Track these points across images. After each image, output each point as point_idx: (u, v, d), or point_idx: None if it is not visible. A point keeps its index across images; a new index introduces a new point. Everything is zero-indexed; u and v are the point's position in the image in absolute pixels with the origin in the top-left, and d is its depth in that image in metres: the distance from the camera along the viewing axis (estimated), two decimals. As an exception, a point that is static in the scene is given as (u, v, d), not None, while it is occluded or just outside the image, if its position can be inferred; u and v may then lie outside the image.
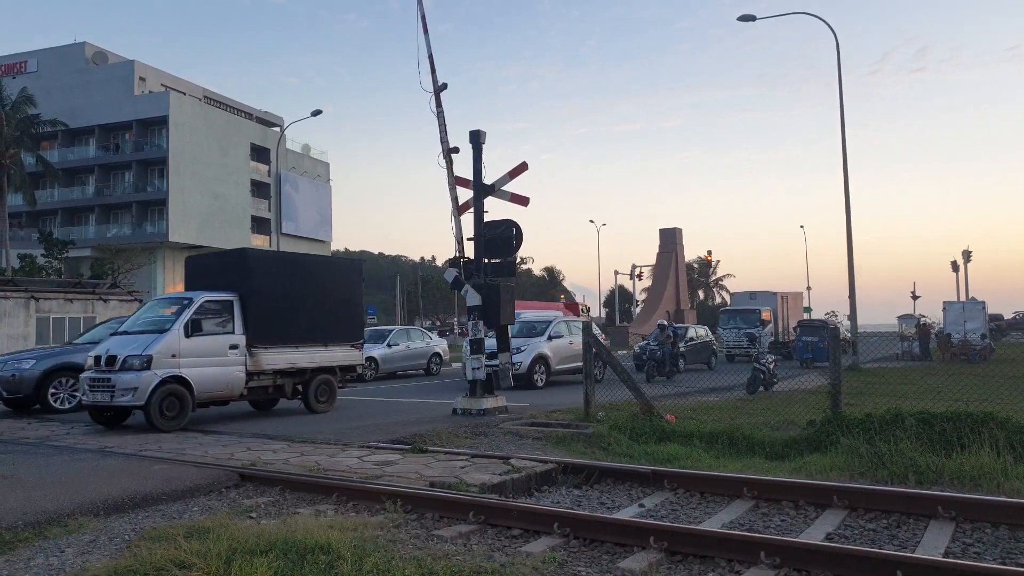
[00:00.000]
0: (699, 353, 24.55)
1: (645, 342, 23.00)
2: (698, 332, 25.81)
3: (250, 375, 11.67)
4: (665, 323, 21.30)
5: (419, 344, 23.67)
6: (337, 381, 13.30)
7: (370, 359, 20.35)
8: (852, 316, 25.02)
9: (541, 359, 18.02)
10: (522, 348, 17.58)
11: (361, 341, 13.89)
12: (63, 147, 51.51)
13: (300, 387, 12.65)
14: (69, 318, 28.06)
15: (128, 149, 51.05)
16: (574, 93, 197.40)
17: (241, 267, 12.25)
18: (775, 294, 33.17)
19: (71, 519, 5.54)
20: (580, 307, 53.95)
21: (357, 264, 14.85)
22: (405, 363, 22.80)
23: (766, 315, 30.55)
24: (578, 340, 16.83)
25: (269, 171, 55.63)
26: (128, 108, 50.12)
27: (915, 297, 50.79)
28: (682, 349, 22.31)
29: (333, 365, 13.07)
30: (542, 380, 17.73)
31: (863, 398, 11.43)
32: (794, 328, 34.79)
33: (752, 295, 34.45)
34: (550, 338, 18.52)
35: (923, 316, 34.62)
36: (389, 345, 22.22)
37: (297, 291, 12.47)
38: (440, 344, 24.69)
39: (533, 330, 18.75)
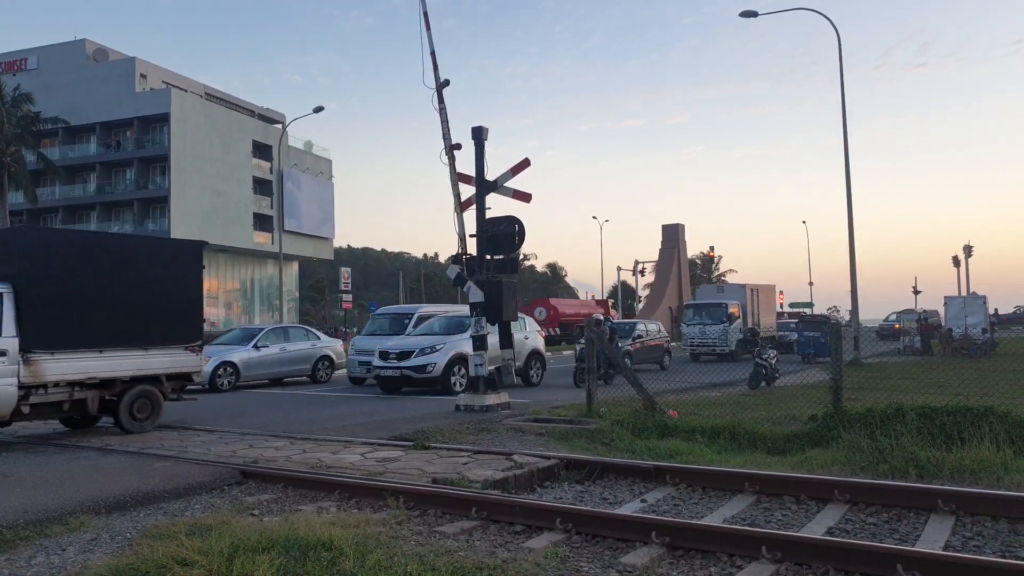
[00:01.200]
0: (649, 352, 22.55)
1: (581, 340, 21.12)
2: (648, 328, 23.81)
3: (28, 388, 9.07)
4: (600, 318, 18.89)
5: (300, 346, 19.62)
6: (166, 392, 10.57)
7: (227, 365, 17.44)
8: (854, 311, 25.01)
9: (461, 360, 15.22)
10: (437, 347, 15.40)
11: (199, 343, 11.02)
12: (64, 144, 51.55)
13: (112, 400, 10.04)
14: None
15: (129, 146, 51.08)
16: (579, 90, 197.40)
17: (20, 250, 9.67)
18: (743, 287, 30.30)
19: (72, 517, 5.56)
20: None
21: (194, 246, 11.64)
22: (279, 369, 18.87)
23: (733, 310, 27.80)
24: (517, 338, 15.14)
25: (271, 168, 55.61)
26: (129, 105, 50.11)
27: (916, 292, 50.77)
28: (627, 347, 20.26)
29: (157, 373, 10.39)
30: (462, 384, 15.01)
31: (864, 393, 11.42)
32: (748, 330, 33.89)
33: (719, 288, 32.39)
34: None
35: (925, 311, 34.60)
36: (257, 347, 18.43)
37: (103, 280, 9.92)
38: (332, 346, 20.87)
39: (462, 325, 15.80)
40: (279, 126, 58.18)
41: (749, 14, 24.71)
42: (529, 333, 18.01)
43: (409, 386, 15.78)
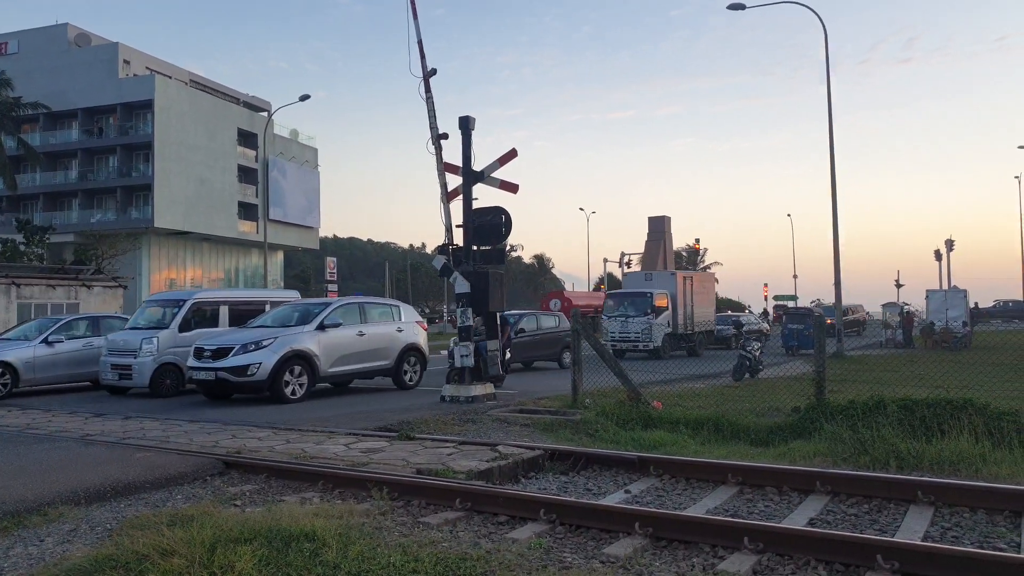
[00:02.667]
0: (546, 347, 19.85)
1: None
2: (542, 322, 20.65)
3: None
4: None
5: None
6: None
7: (3, 366, 14.20)
8: (837, 304, 25.22)
9: (300, 359, 12.46)
10: (264, 342, 12.30)
11: None
12: (45, 130, 50.78)
13: None
14: (51, 304, 27.81)
15: (112, 133, 50.38)
16: (568, 80, 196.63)
17: None
18: (674, 274, 26.91)
19: (51, 508, 5.50)
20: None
21: None
22: (80, 370, 15.39)
23: (660, 301, 24.61)
24: (383, 330, 13.96)
25: (256, 156, 55.10)
26: (112, 91, 49.40)
27: (899, 285, 51.32)
28: (524, 339, 18.27)
29: None
30: (300, 390, 12.41)
31: (847, 385, 11.53)
32: (732, 322, 32.11)
33: (648, 276, 28.44)
34: (322, 327, 12.92)
35: (907, 304, 34.94)
36: (48, 342, 14.91)
37: None
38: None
39: (307, 316, 13.25)
40: (264, 114, 57.65)
41: (737, 7, 24.73)
42: (404, 324, 14.72)
43: (235, 392, 12.75)
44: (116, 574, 4.03)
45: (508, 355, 14.53)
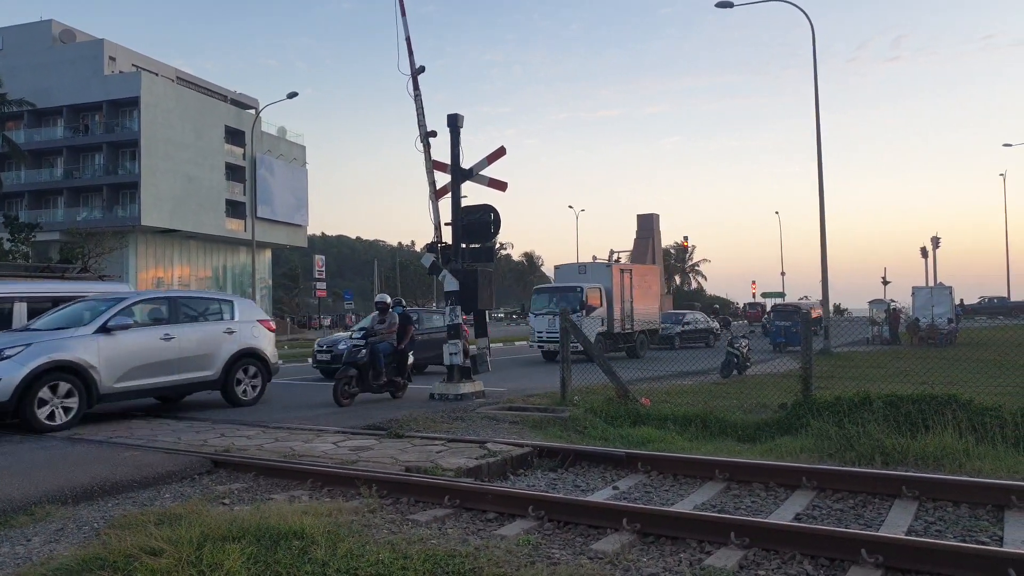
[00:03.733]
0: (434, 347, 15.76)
1: (354, 332, 15.32)
2: (432, 319, 18.56)
3: None
4: (387, 300, 12.52)
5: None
6: None
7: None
8: (824, 301, 25.39)
9: (66, 372, 9.40)
10: (9, 350, 9.14)
11: None
12: (30, 128, 50.28)
13: None
14: (38, 303, 27.52)
15: (98, 130, 49.95)
16: (557, 78, 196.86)
17: None
18: (609, 266, 24.07)
19: (38, 507, 5.47)
20: None
21: None
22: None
23: (592, 297, 22.31)
24: (203, 332, 10.98)
25: (244, 154, 54.79)
26: (98, 88, 48.97)
27: (886, 282, 51.69)
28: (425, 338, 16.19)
29: None
30: (65, 415, 9.32)
31: (833, 381, 11.62)
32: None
33: (582, 268, 24.90)
34: (106, 329, 9.85)
35: (893, 301, 35.24)
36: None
37: None
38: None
39: (90, 315, 10.10)
40: (252, 112, 57.33)
41: (725, 4, 24.80)
42: (237, 324, 11.60)
43: None
44: (104, 573, 4.01)
45: (411, 360, 12.79)
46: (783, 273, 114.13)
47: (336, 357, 16.05)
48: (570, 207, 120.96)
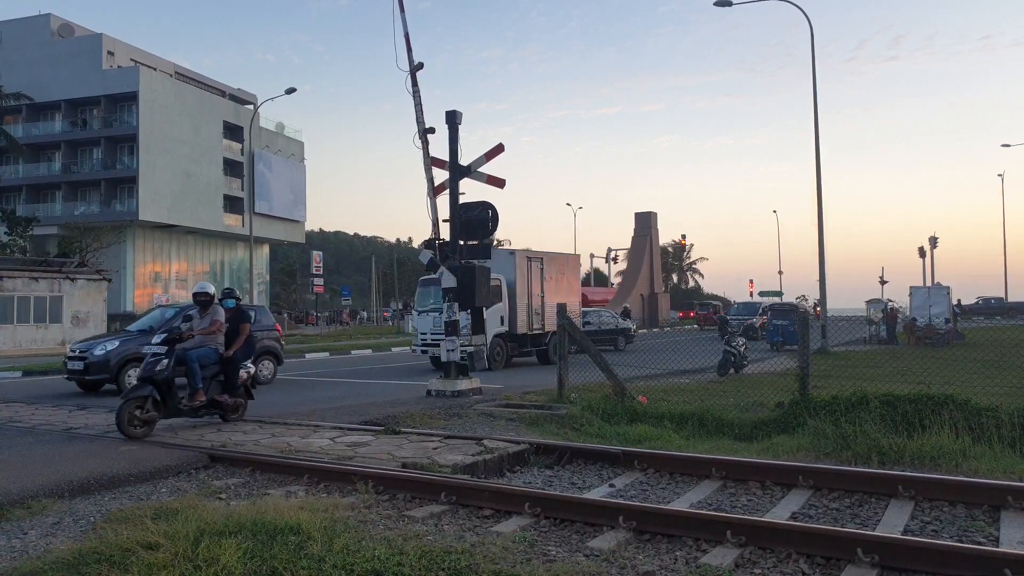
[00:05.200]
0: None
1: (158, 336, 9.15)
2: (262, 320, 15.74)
3: None
4: (208, 290, 9.18)
5: None
6: None
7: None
8: (822, 300, 25.41)
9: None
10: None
11: None
12: (28, 122, 50.12)
13: None
14: (35, 297, 27.53)
15: (96, 125, 49.84)
16: (554, 76, 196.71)
17: None
18: (512, 254, 19.87)
19: (35, 501, 5.46)
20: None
21: None
22: None
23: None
24: None
25: (242, 149, 54.72)
26: (96, 83, 48.85)
27: (883, 282, 51.70)
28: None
29: None
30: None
31: (830, 381, 11.62)
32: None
33: (512, 255, 20.82)
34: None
35: (891, 301, 35.28)
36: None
37: None
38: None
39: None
40: (250, 107, 57.22)
41: (724, 3, 24.78)
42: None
43: None
44: (100, 567, 4.01)
45: (250, 371, 9.43)
46: (781, 272, 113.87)
47: (95, 365, 13.05)
48: (568, 204, 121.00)
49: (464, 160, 12.42)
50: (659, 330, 50.33)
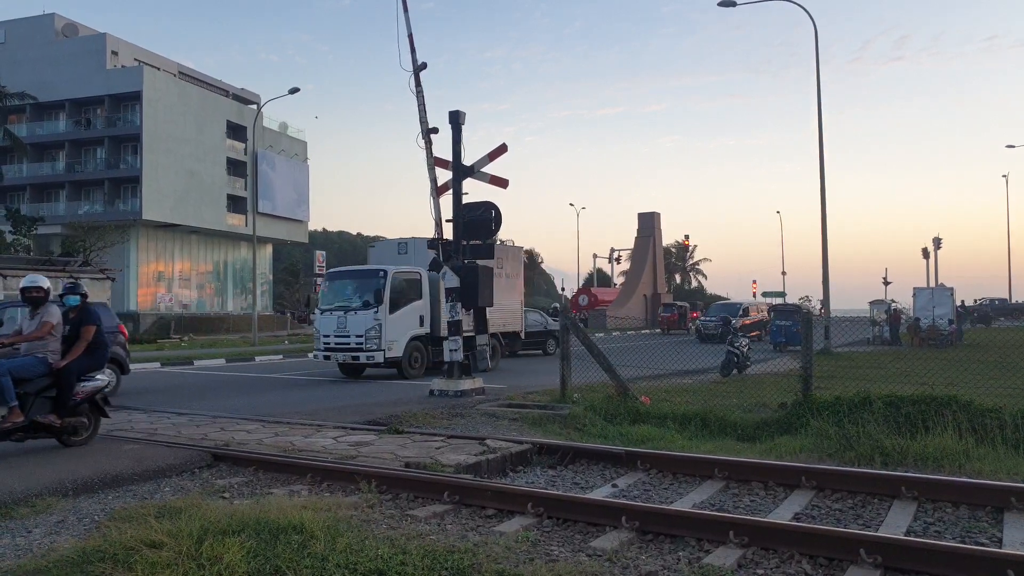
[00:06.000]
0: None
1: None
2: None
3: None
4: (41, 284, 7.47)
5: None
6: None
7: None
8: (825, 300, 25.39)
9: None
10: None
11: None
12: (32, 121, 50.23)
13: None
14: (39, 296, 27.54)
15: (100, 125, 49.91)
16: (558, 76, 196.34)
17: None
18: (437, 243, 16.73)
19: (39, 499, 5.48)
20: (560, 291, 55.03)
21: None
22: None
23: (405, 286, 16.04)
24: None
25: (246, 149, 54.75)
26: (100, 83, 48.94)
27: (887, 283, 51.67)
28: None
29: None
30: None
31: (833, 381, 11.61)
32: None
33: (403, 245, 18.11)
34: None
35: (894, 302, 35.23)
36: None
37: None
38: None
39: None
40: (254, 107, 57.28)
41: (728, 3, 24.77)
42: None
43: None
44: (104, 566, 4.02)
45: (100, 384, 7.66)
46: (784, 273, 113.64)
47: None
48: (571, 205, 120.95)
49: (467, 160, 12.44)
50: (619, 333, 42.12)
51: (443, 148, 12.71)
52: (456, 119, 12.33)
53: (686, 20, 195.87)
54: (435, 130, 12.65)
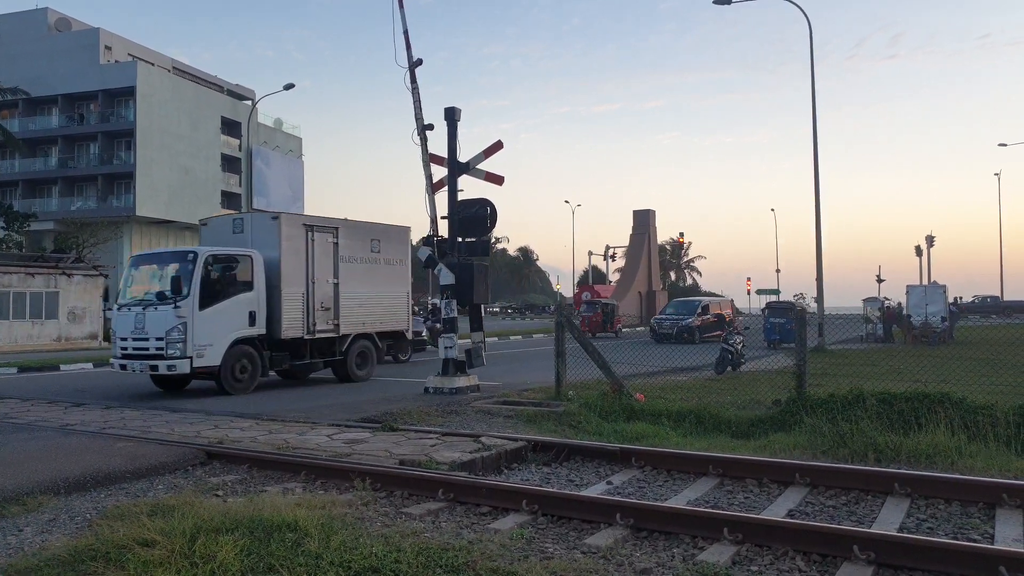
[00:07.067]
0: None
1: None
2: None
3: None
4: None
5: None
6: None
7: None
8: (819, 298, 25.44)
9: None
10: None
11: None
12: (25, 116, 49.97)
13: None
14: (31, 292, 27.46)
15: (93, 120, 49.67)
16: (556, 72, 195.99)
17: None
18: (276, 219, 13.46)
19: (30, 497, 5.45)
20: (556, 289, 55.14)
21: None
22: None
23: (237, 272, 12.63)
24: None
25: (240, 145, 54.59)
26: (93, 78, 48.68)
27: (880, 280, 51.77)
28: None
29: None
30: None
31: (827, 379, 11.65)
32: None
33: (238, 223, 13.97)
34: None
35: (887, 299, 35.32)
36: None
37: None
38: None
39: None
40: (249, 103, 57.08)
41: (722, 0, 24.77)
42: None
43: None
44: (96, 564, 4.00)
45: None
46: (778, 270, 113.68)
47: None
48: (567, 202, 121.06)
49: (463, 157, 12.42)
50: (545, 335, 31.88)
51: (439, 144, 12.70)
52: (452, 116, 12.31)
53: (683, 17, 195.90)
54: (430, 126, 12.60)
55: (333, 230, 14.22)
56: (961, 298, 43.35)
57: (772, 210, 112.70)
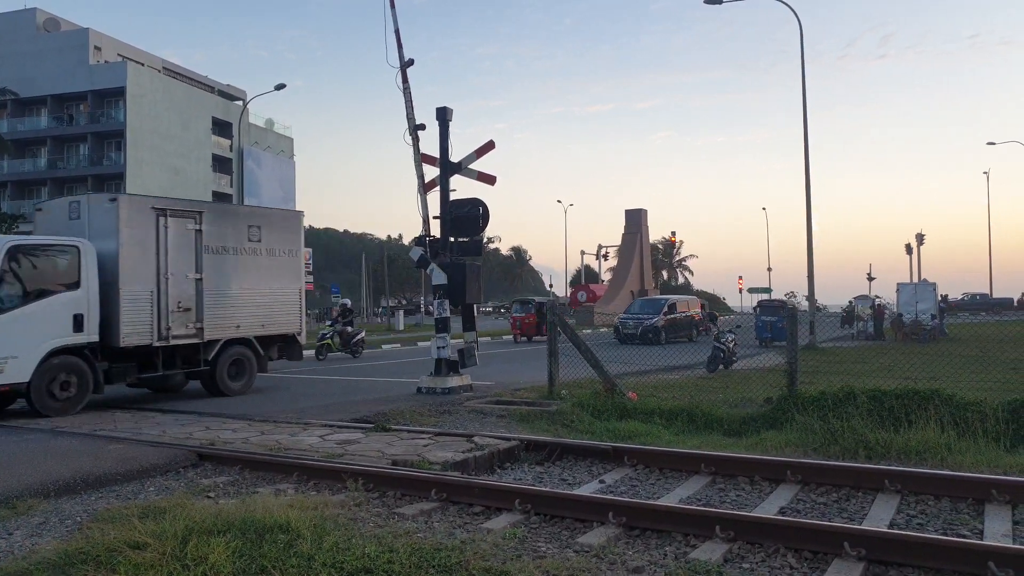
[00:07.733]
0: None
1: None
2: None
3: None
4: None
5: None
6: None
7: None
8: (810, 296, 25.56)
9: None
10: None
11: None
12: (13, 117, 49.67)
13: None
14: (21, 295, 27.21)
15: (83, 121, 49.41)
16: (549, 73, 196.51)
17: None
18: (115, 202, 10.84)
19: (20, 501, 5.42)
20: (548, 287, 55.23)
21: None
22: None
23: (56, 270, 10.31)
24: None
25: (231, 146, 54.41)
26: (83, 78, 48.42)
27: (871, 278, 52.06)
28: None
29: None
30: None
31: (818, 376, 11.70)
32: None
33: (75, 207, 11.35)
34: None
35: (878, 297, 35.48)
36: None
37: None
38: None
39: None
40: (240, 103, 56.86)
41: (714, 1, 24.83)
42: None
43: None
44: (86, 567, 3.98)
45: None
46: (770, 269, 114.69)
47: None
48: (559, 201, 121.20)
49: (455, 157, 12.40)
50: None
51: (431, 144, 12.68)
52: (443, 116, 12.29)
53: (676, 18, 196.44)
54: (422, 126, 12.59)
55: (195, 215, 11.81)
56: (948, 295, 43.52)
57: (764, 209, 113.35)
